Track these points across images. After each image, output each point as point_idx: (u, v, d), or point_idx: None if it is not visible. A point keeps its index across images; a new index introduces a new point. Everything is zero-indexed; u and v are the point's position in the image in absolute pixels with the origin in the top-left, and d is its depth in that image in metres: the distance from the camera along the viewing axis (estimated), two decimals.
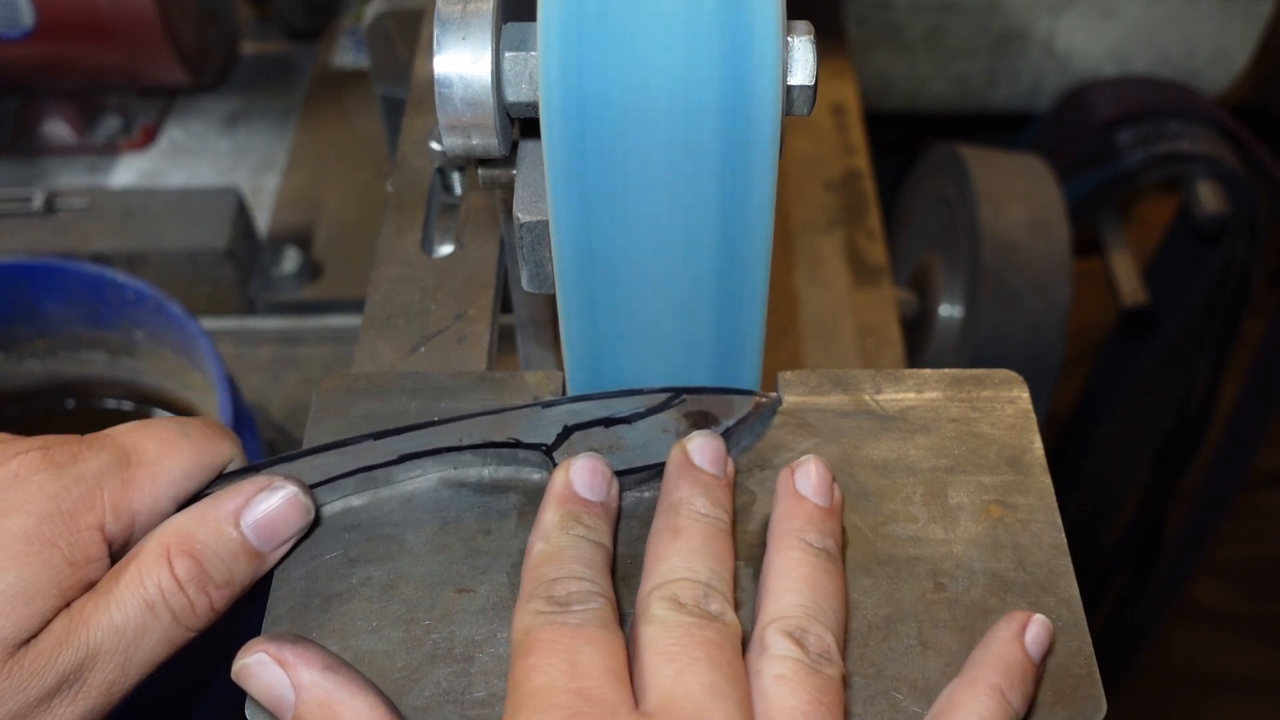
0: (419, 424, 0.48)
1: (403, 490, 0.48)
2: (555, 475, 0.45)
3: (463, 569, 0.45)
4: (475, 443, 0.48)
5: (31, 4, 1.11)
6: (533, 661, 0.38)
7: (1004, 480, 0.48)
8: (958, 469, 0.49)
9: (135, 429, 0.45)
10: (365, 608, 0.44)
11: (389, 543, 0.46)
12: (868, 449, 0.49)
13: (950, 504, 0.48)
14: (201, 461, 0.46)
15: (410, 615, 0.44)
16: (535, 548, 0.43)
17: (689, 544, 0.42)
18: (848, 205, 1.07)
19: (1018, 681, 0.40)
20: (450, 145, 0.42)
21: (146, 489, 0.44)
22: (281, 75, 1.36)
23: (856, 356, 0.96)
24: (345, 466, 0.47)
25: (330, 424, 0.50)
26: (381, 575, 0.45)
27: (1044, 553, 0.46)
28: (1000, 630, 0.42)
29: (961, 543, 0.46)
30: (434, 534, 0.47)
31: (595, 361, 0.49)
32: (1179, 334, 1.51)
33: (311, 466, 0.47)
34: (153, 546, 0.42)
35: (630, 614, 0.44)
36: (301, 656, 0.40)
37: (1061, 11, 1.41)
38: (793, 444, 0.49)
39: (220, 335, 1.04)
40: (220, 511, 0.44)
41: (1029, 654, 0.41)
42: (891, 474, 0.49)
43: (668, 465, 0.46)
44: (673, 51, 0.38)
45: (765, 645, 0.40)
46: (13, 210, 1.07)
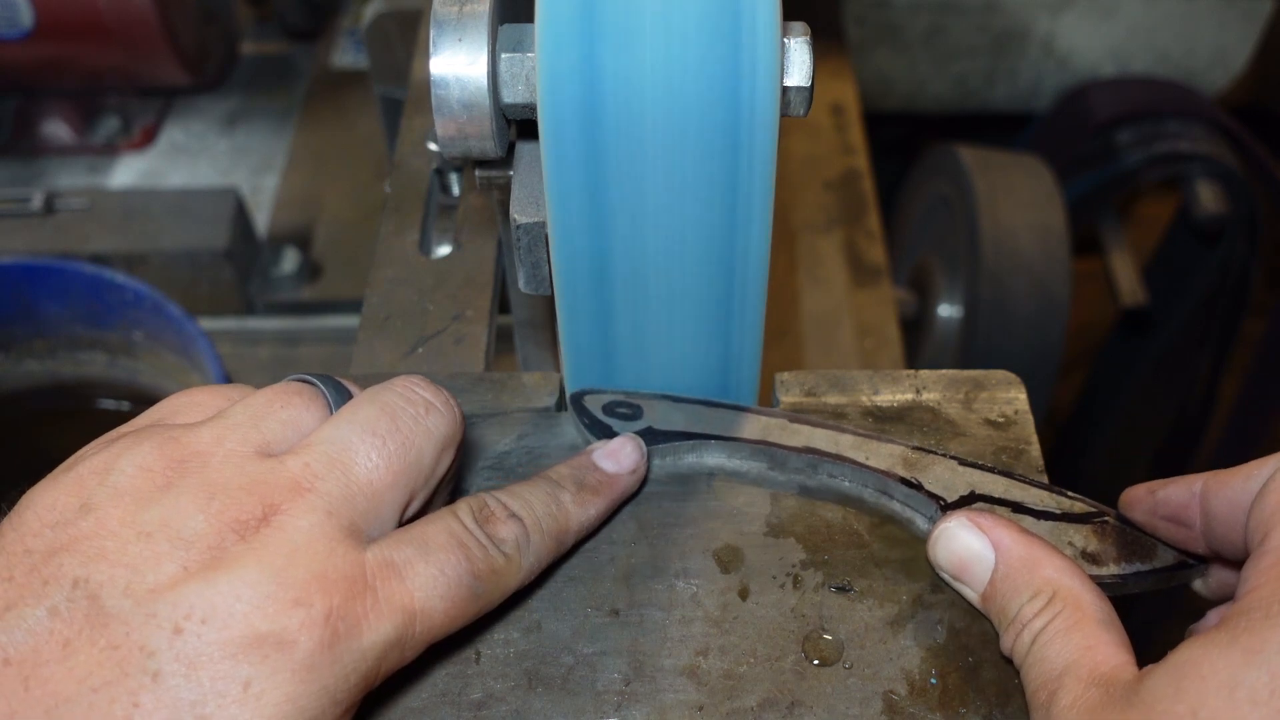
0: (832, 425, 0.48)
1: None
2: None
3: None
4: (881, 468, 0.47)
5: (31, 4, 1.11)
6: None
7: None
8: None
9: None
10: None
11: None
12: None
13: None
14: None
15: None
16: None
17: None
18: (847, 205, 1.07)
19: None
20: (447, 147, 0.42)
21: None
22: (281, 75, 1.36)
23: (855, 356, 0.96)
24: (747, 432, 0.48)
25: None
26: None
27: None
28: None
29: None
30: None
31: (593, 362, 0.49)
32: (1178, 334, 1.51)
33: (699, 415, 0.48)
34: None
35: (626, 611, 0.44)
36: (998, 522, 0.43)
37: (1061, 11, 1.41)
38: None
39: (219, 335, 1.04)
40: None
41: None
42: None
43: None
44: (669, 53, 0.38)
45: None
46: (12, 210, 1.07)
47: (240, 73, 1.35)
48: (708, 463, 0.49)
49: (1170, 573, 0.45)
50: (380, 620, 0.35)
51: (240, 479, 0.36)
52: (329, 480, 0.37)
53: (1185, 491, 0.43)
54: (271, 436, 0.38)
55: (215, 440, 0.37)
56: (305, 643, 0.34)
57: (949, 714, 0.41)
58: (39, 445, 0.92)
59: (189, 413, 0.40)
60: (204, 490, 0.36)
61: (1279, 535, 0.36)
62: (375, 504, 0.38)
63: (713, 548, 0.46)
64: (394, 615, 0.36)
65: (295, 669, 0.33)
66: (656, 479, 0.48)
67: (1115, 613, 0.40)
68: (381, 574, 0.36)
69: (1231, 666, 0.33)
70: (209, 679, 0.33)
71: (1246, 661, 0.33)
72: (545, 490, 0.43)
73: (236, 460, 0.37)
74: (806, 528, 0.47)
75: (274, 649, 0.33)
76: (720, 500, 0.48)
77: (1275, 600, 0.34)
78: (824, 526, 0.47)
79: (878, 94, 1.49)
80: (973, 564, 0.43)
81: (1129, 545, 0.45)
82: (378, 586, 0.36)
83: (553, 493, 0.43)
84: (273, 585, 0.34)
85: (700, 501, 0.48)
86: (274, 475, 0.36)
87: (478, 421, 0.50)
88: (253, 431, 0.38)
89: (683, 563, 0.46)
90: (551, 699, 0.42)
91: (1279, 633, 0.33)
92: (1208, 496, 0.41)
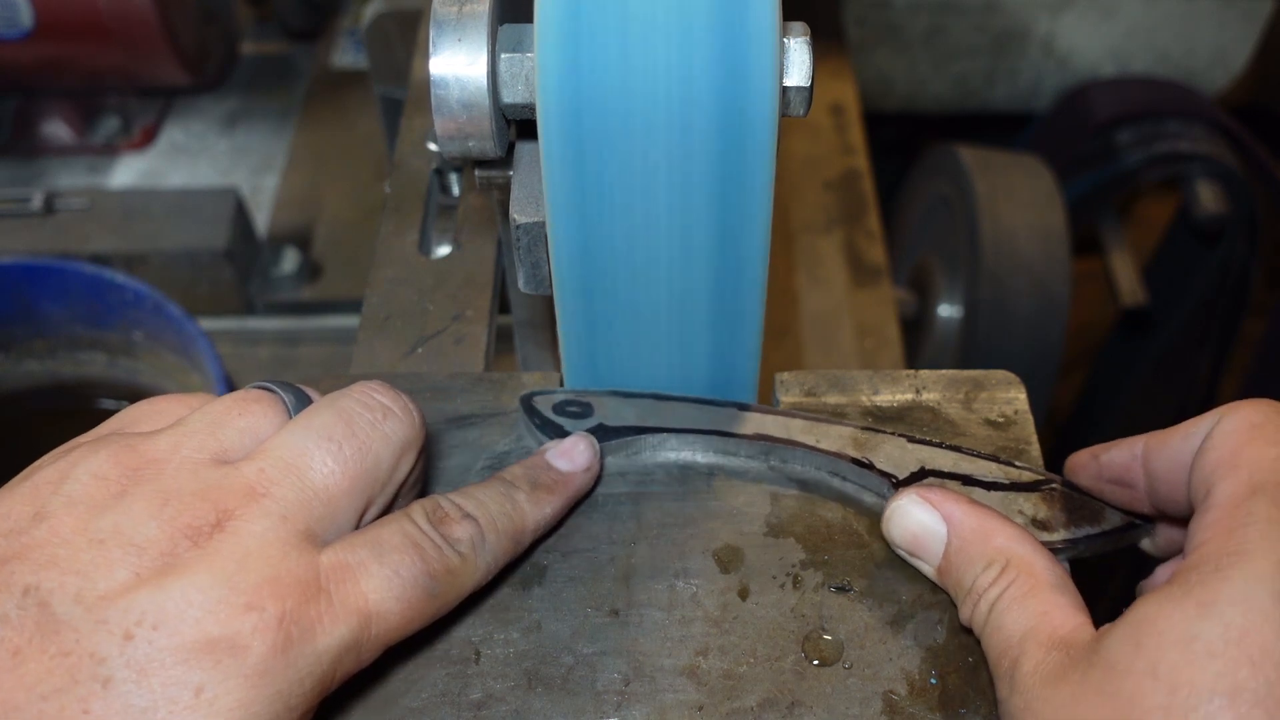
0: (781, 410, 0.49)
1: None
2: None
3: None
4: (832, 450, 0.48)
5: (31, 4, 1.11)
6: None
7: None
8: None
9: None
10: None
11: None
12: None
13: None
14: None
15: None
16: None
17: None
18: (847, 205, 1.07)
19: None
20: (446, 147, 0.42)
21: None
22: (281, 75, 1.36)
23: (855, 356, 0.96)
24: (699, 423, 0.48)
25: None
26: None
27: None
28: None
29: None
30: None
31: (593, 362, 0.49)
32: (1178, 334, 1.51)
33: (650, 409, 0.48)
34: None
35: (626, 611, 0.44)
36: (948, 496, 0.44)
37: (1061, 11, 1.41)
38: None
39: (219, 335, 1.04)
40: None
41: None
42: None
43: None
44: (669, 53, 0.38)
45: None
46: (12, 210, 1.07)
47: (240, 73, 1.35)
48: (664, 457, 0.49)
49: (1119, 534, 0.46)
50: (335, 623, 0.35)
51: (194, 485, 0.36)
52: (284, 485, 0.37)
53: (1127, 453, 0.44)
54: (229, 444, 0.38)
55: (172, 448, 0.37)
56: (258, 647, 0.34)
57: (949, 714, 0.41)
58: (39, 445, 0.91)
59: (149, 421, 0.40)
60: (158, 497, 0.36)
61: (1222, 490, 0.37)
62: (331, 509, 0.38)
63: (712, 548, 0.46)
64: (349, 618, 0.36)
65: (248, 674, 0.33)
66: (655, 479, 0.48)
67: (1068, 576, 0.41)
68: (336, 577, 0.36)
69: (1186, 620, 0.34)
70: (160, 685, 0.33)
71: (1201, 615, 0.33)
72: (499, 490, 0.43)
73: (191, 467, 0.37)
74: (806, 528, 0.47)
75: (226, 654, 0.33)
76: (720, 500, 0.48)
77: (1224, 554, 0.35)
78: (824, 526, 0.47)
79: (878, 94, 1.49)
80: (926, 539, 0.44)
81: (1077, 510, 0.46)
82: (332, 590, 0.36)
83: (507, 493, 0.43)
84: (225, 590, 0.34)
85: (700, 501, 0.48)
86: (228, 481, 0.36)
87: (478, 421, 0.50)
88: (209, 439, 0.38)
89: (683, 563, 0.46)
90: (551, 699, 0.42)
91: (1229, 585, 0.34)
92: (1149, 457, 0.42)
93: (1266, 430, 0.38)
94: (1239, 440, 0.38)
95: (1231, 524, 0.35)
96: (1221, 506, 0.36)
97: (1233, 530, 0.35)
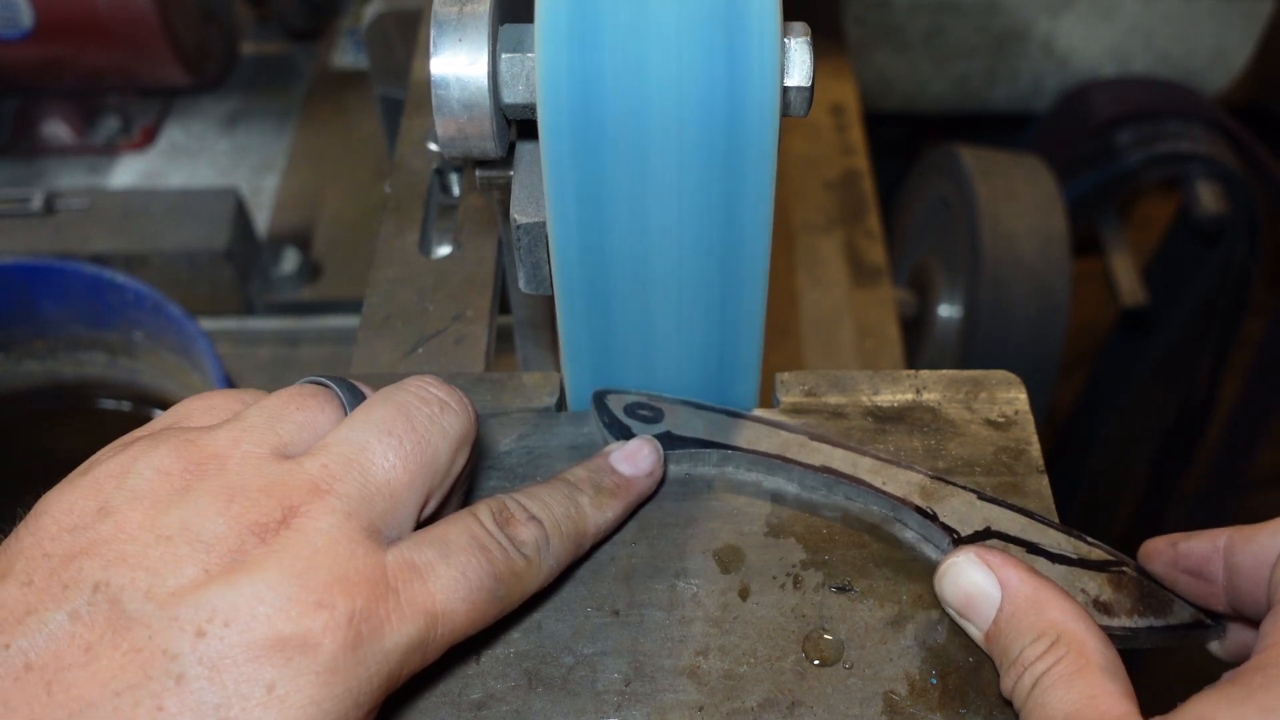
0: (851, 446, 0.48)
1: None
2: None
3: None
4: (898, 495, 0.47)
5: (31, 4, 1.11)
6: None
7: (1002, 481, 0.48)
8: (955, 470, 0.49)
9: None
10: None
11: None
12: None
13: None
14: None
15: None
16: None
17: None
18: (847, 205, 1.07)
19: None
20: (447, 147, 0.42)
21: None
22: (281, 76, 1.36)
23: (855, 357, 0.96)
24: (766, 446, 0.48)
25: None
26: None
27: None
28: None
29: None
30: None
31: (593, 363, 0.49)
32: (1179, 334, 1.51)
33: (720, 424, 0.48)
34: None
35: (626, 611, 0.44)
36: (1007, 561, 0.42)
37: (1061, 12, 1.41)
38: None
39: (219, 336, 1.04)
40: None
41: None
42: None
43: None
44: (670, 53, 0.38)
45: None
46: (12, 210, 1.07)
47: (240, 73, 1.35)
48: (728, 475, 0.49)
49: (1185, 630, 0.44)
50: (403, 622, 0.35)
51: (258, 481, 0.36)
52: (347, 481, 0.37)
53: (1209, 545, 0.42)
54: (288, 439, 0.38)
55: (232, 442, 0.37)
56: (329, 645, 0.34)
57: (949, 714, 0.41)
58: (39, 445, 0.92)
59: (204, 416, 0.40)
60: (223, 493, 0.36)
61: None
62: (394, 504, 0.38)
63: (713, 548, 0.46)
64: (416, 617, 0.36)
65: (319, 671, 0.33)
66: None
67: (1121, 662, 0.39)
68: (403, 576, 0.36)
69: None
70: (232, 682, 0.33)
71: (1261, 718, 0.32)
72: (563, 493, 0.43)
73: (254, 462, 0.37)
74: (806, 528, 0.47)
75: (297, 651, 0.33)
76: (720, 500, 0.48)
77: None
78: (824, 526, 0.47)
79: (878, 94, 1.49)
80: (979, 601, 0.42)
81: (1145, 598, 0.44)
82: (400, 588, 0.36)
83: (571, 495, 0.43)
84: (295, 587, 0.34)
85: (700, 501, 0.48)
86: (292, 477, 0.36)
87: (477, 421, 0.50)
88: (269, 434, 0.38)
89: (683, 563, 0.46)
90: (551, 699, 0.42)
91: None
92: (1232, 551, 0.40)
93: None
94: None
95: None
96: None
97: None
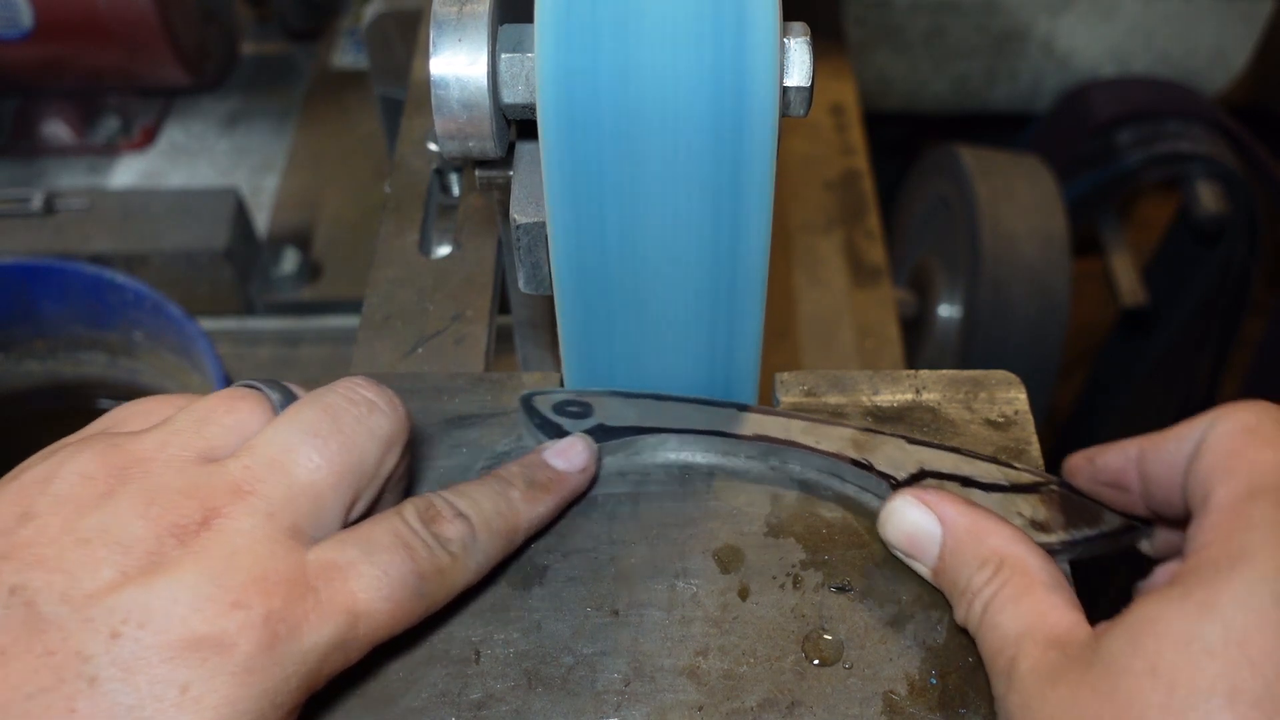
0: (783, 411, 0.49)
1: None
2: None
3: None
4: (831, 451, 0.48)
5: (31, 5, 1.11)
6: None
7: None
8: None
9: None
10: None
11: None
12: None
13: None
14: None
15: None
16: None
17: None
18: (847, 205, 1.07)
19: None
20: (446, 147, 0.42)
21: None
22: (281, 75, 1.36)
23: (855, 357, 0.96)
24: (698, 423, 0.48)
25: None
26: None
27: None
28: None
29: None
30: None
31: (592, 363, 0.49)
32: (1179, 334, 1.51)
33: (650, 410, 0.48)
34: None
35: (625, 611, 0.44)
36: (943, 497, 0.44)
37: (1060, 12, 1.41)
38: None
39: (219, 336, 1.04)
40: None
41: None
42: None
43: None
44: (669, 53, 0.38)
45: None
46: (12, 211, 1.07)
47: (240, 73, 1.35)
48: (664, 457, 0.49)
49: (1117, 536, 0.46)
50: (322, 622, 0.35)
51: (180, 484, 0.36)
52: (270, 482, 0.37)
53: (1122, 457, 0.44)
54: (215, 442, 0.38)
55: (158, 446, 0.37)
56: (244, 645, 0.34)
57: (949, 714, 0.41)
58: (39, 445, 0.92)
59: (136, 421, 0.40)
60: (144, 496, 0.36)
61: (1221, 494, 0.37)
62: (318, 505, 0.38)
63: (712, 548, 0.46)
64: (336, 616, 0.36)
65: (234, 671, 0.33)
66: (655, 479, 0.48)
67: (1063, 576, 0.41)
68: (324, 575, 0.36)
69: (1187, 621, 0.34)
70: (146, 683, 0.33)
71: (1201, 616, 0.34)
72: (494, 488, 0.43)
73: (177, 466, 0.37)
74: (806, 528, 0.47)
75: (212, 652, 0.33)
76: (720, 500, 0.48)
77: (1225, 556, 0.35)
78: (824, 526, 0.47)
79: (878, 94, 1.49)
80: (922, 539, 0.44)
81: (1075, 512, 0.46)
82: (320, 588, 0.36)
83: (502, 490, 0.43)
84: (211, 588, 0.34)
85: (700, 501, 0.48)
86: (214, 479, 0.36)
87: (477, 421, 0.50)
88: (195, 437, 0.38)
89: (683, 563, 0.46)
90: (551, 699, 0.42)
91: (1230, 587, 0.34)
92: (1143, 461, 0.43)
93: (1262, 433, 0.38)
94: (1235, 444, 0.38)
95: (1232, 527, 0.35)
96: (1221, 510, 0.36)
97: (1233, 533, 0.35)
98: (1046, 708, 0.36)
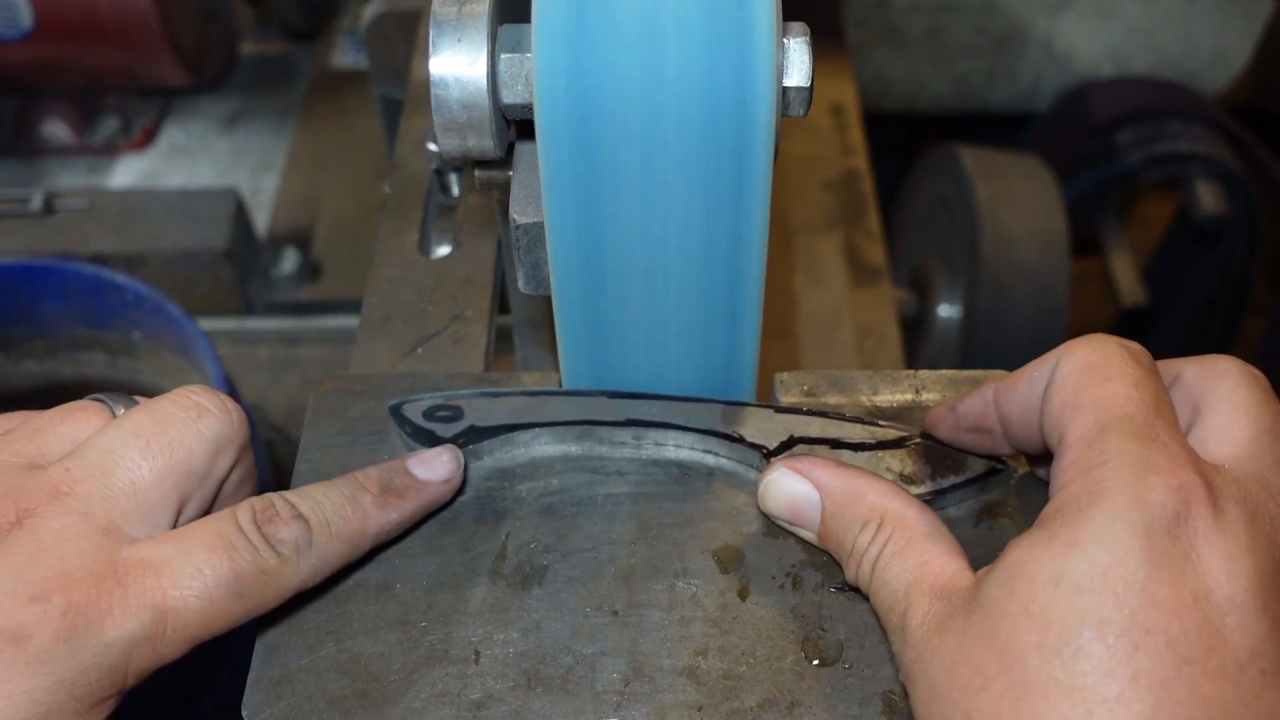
0: (649, 395, 0.49)
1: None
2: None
3: (459, 570, 0.45)
4: (703, 428, 0.48)
5: (31, 5, 1.11)
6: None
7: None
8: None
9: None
10: (361, 610, 0.44)
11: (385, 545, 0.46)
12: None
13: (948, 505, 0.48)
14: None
15: (406, 617, 0.44)
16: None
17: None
18: (846, 206, 1.07)
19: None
20: (446, 147, 0.42)
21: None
22: (281, 76, 1.36)
23: (855, 357, 0.96)
24: (569, 415, 0.48)
25: (327, 425, 0.50)
26: (378, 577, 0.45)
27: None
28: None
29: (959, 543, 0.46)
30: (431, 535, 0.47)
31: (592, 362, 0.49)
32: (1179, 334, 1.51)
33: (521, 406, 0.48)
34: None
35: (625, 611, 0.44)
36: (816, 463, 0.45)
37: (1060, 12, 1.41)
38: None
39: (219, 336, 1.04)
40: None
41: None
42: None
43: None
44: (668, 54, 0.38)
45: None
46: (12, 211, 1.07)
47: (240, 73, 1.36)
48: (539, 452, 0.49)
49: (983, 479, 0.47)
50: (126, 616, 0.36)
51: (2, 488, 0.38)
52: (88, 484, 0.38)
53: (980, 401, 0.45)
54: (47, 449, 0.40)
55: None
56: (40, 637, 0.35)
57: None
58: None
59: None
60: None
61: (1073, 432, 0.38)
62: (139, 504, 0.39)
63: (712, 548, 0.46)
64: (142, 612, 0.37)
65: (29, 662, 0.35)
66: (655, 479, 0.48)
67: (942, 524, 0.42)
68: (134, 571, 0.37)
69: (1054, 561, 0.35)
70: None
71: (1066, 555, 0.35)
72: (343, 491, 0.43)
73: (4, 472, 0.39)
74: None
75: (9, 643, 0.35)
76: (720, 500, 0.48)
77: (1083, 494, 0.36)
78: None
79: (878, 94, 1.49)
80: (802, 507, 0.45)
81: (939, 461, 0.47)
82: (128, 584, 0.37)
83: (352, 494, 0.43)
84: (13, 583, 0.35)
85: (700, 502, 0.48)
86: (34, 482, 0.38)
87: None
88: (28, 445, 0.40)
89: (682, 563, 0.46)
90: (551, 699, 0.42)
91: (1091, 524, 0.35)
92: (999, 402, 0.44)
93: (1104, 367, 0.38)
94: (1079, 381, 0.39)
95: (1086, 464, 0.36)
96: (1075, 448, 0.37)
97: (1088, 470, 0.36)
98: (936, 658, 0.37)
